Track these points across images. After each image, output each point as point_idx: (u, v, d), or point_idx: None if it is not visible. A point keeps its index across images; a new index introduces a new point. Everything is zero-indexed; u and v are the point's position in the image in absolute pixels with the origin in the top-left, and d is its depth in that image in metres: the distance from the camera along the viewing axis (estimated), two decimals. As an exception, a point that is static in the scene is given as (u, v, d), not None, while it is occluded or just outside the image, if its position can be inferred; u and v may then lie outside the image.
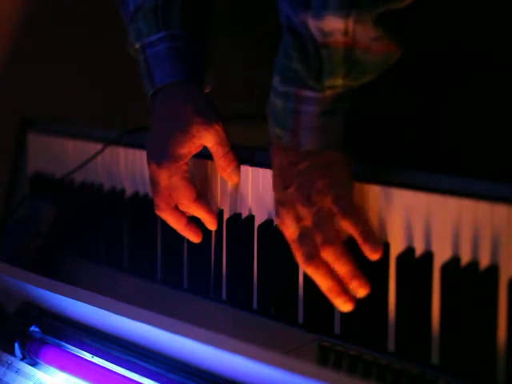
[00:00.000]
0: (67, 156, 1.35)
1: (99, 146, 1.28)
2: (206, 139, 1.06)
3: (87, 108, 1.60)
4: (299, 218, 0.94)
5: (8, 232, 1.38)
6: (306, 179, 0.94)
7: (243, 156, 1.08)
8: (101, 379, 0.98)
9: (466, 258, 0.89)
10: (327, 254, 0.91)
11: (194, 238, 1.11)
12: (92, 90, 1.62)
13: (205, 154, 1.09)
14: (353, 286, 0.91)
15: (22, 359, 1.06)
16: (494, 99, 1.08)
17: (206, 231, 1.11)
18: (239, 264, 1.09)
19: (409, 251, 0.93)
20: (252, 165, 1.07)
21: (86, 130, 1.35)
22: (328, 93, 0.91)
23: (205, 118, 1.06)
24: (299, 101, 0.92)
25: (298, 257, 0.94)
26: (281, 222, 0.96)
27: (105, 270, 1.29)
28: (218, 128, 1.06)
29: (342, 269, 0.91)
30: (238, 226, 1.09)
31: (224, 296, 1.12)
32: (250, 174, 1.07)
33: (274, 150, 0.97)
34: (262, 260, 1.06)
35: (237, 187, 1.09)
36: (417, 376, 0.92)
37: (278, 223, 0.97)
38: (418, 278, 0.92)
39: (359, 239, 0.91)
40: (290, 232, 0.95)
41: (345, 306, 0.93)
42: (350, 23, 0.86)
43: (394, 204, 0.94)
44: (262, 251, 1.06)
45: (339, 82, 0.91)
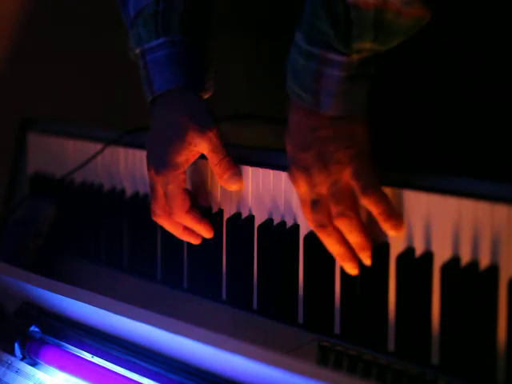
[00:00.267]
0: (67, 156, 1.35)
1: (99, 146, 1.28)
2: (201, 146, 1.06)
3: (87, 108, 1.60)
4: (314, 184, 0.93)
5: (8, 232, 1.38)
6: (326, 148, 0.92)
7: (243, 156, 1.08)
8: (101, 379, 0.98)
9: (466, 257, 0.89)
10: (341, 225, 0.92)
11: (194, 240, 1.11)
12: (92, 90, 1.62)
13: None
14: (362, 256, 0.94)
15: (22, 359, 1.06)
16: (494, 99, 1.08)
17: (206, 231, 1.11)
18: (239, 264, 1.09)
19: (409, 251, 0.93)
20: (252, 165, 1.07)
21: (86, 130, 1.34)
22: (354, 57, 0.89)
23: (199, 126, 1.05)
24: (323, 63, 0.90)
25: (309, 220, 0.95)
26: (294, 181, 0.96)
27: (105, 269, 1.29)
28: (212, 135, 1.05)
29: (355, 240, 0.93)
30: (237, 225, 1.09)
31: (224, 296, 1.12)
32: (250, 174, 1.07)
33: (292, 108, 0.95)
34: (262, 260, 1.06)
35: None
36: (417, 376, 0.92)
37: (291, 180, 0.96)
38: (417, 278, 0.92)
39: (380, 217, 0.91)
40: (302, 192, 0.95)
41: (353, 270, 0.95)
42: None
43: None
44: (261, 251, 1.06)
45: (367, 46, 0.89)
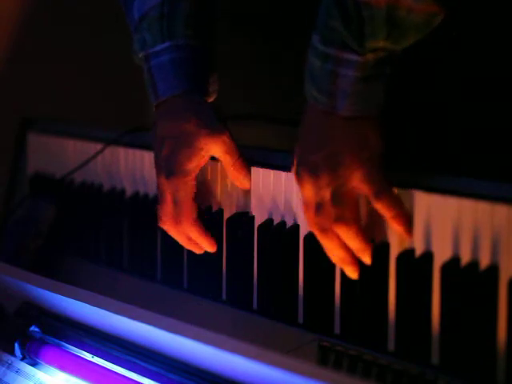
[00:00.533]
0: (67, 156, 1.35)
1: (99, 146, 1.28)
2: (214, 150, 1.06)
3: (87, 108, 1.60)
4: (320, 187, 0.93)
5: (8, 232, 1.38)
6: (338, 149, 0.92)
7: (243, 156, 1.08)
8: (101, 379, 0.98)
9: (466, 258, 0.89)
10: (339, 230, 0.92)
11: (198, 250, 1.10)
12: (92, 90, 1.62)
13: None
14: (362, 258, 0.94)
15: (22, 359, 1.06)
16: (495, 99, 1.08)
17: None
18: (239, 264, 1.09)
19: (409, 251, 0.93)
20: (252, 165, 1.07)
21: (86, 130, 1.34)
22: (369, 57, 0.89)
23: (210, 130, 1.05)
24: (339, 63, 0.90)
25: (311, 223, 0.95)
26: (300, 182, 0.95)
27: (105, 269, 1.29)
28: (225, 137, 1.05)
29: (354, 246, 0.93)
30: (238, 225, 1.09)
31: (224, 296, 1.12)
32: (250, 174, 1.07)
33: (308, 110, 0.95)
34: (262, 260, 1.06)
35: (237, 187, 1.09)
36: (417, 376, 0.92)
37: (297, 182, 0.96)
38: (418, 278, 0.92)
39: (393, 221, 0.91)
40: (306, 196, 0.95)
41: (353, 273, 0.95)
42: None
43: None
44: (261, 251, 1.06)
45: (381, 44, 0.89)
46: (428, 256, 0.91)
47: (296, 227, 1.02)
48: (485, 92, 1.08)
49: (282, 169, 1.03)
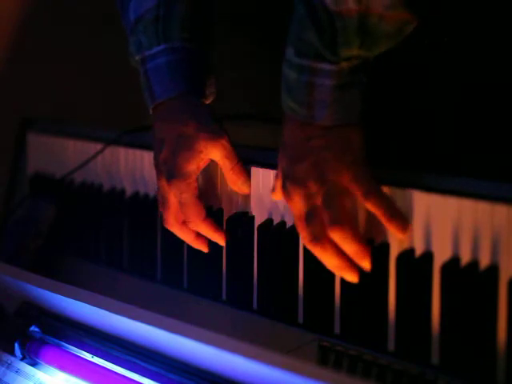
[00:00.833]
0: (67, 156, 1.35)
1: (99, 146, 1.28)
2: (213, 154, 1.05)
3: (87, 108, 1.60)
4: (309, 196, 0.92)
5: (8, 232, 1.38)
6: (322, 157, 0.91)
7: (243, 156, 1.08)
8: (101, 379, 0.98)
9: (466, 257, 0.89)
10: (334, 235, 0.90)
11: (204, 248, 1.10)
12: (92, 90, 1.62)
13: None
14: (361, 264, 0.91)
15: (22, 359, 1.06)
16: (494, 99, 1.08)
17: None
18: (239, 264, 1.09)
19: (409, 251, 0.93)
20: (252, 165, 1.07)
21: (86, 130, 1.35)
22: (343, 65, 0.90)
23: (209, 133, 1.05)
24: (314, 73, 0.90)
25: (303, 236, 0.93)
26: (288, 198, 0.94)
27: (105, 269, 1.29)
28: (224, 141, 1.05)
29: (349, 249, 0.90)
30: (237, 225, 1.09)
31: (224, 296, 1.12)
32: (250, 174, 1.07)
33: (287, 122, 0.95)
34: (262, 260, 1.06)
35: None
36: (417, 376, 0.92)
37: (285, 198, 0.95)
38: (417, 278, 0.92)
39: (384, 218, 0.90)
40: (297, 209, 0.94)
41: (352, 278, 0.93)
42: None
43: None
44: (261, 251, 1.06)
45: (354, 53, 0.89)
46: (428, 256, 0.91)
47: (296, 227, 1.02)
48: (485, 92, 1.08)
49: (282, 169, 1.03)
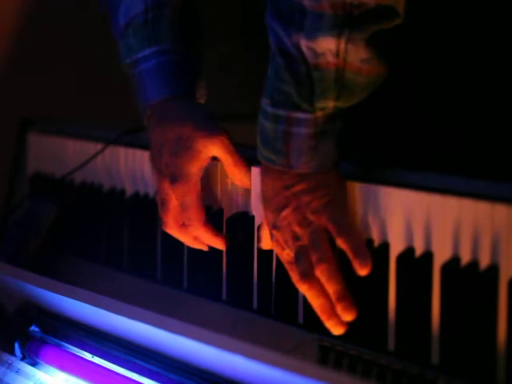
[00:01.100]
0: (67, 156, 1.35)
1: (99, 146, 1.28)
2: (214, 151, 1.05)
3: (87, 108, 1.60)
4: (296, 239, 0.94)
5: (8, 232, 1.38)
6: (302, 201, 0.93)
7: (243, 156, 1.08)
8: (101, 379, 0.98)
9: (466, 258, 0.89)
10: (321, 273, 0.91)
11: (204, 247, 1.10)
12: (92, 90, 1.62)
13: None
14: (340, 310, 0.91)
15: (22, 359, 1.06)
16: (494, 99, 1.08)
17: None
18: (239, 264, 1.09)
19: (409, 251, 0.93)
20: (252, 164, 1.07)
21: (86, 130, 1.35)
22: (319, 114, 0.90)
23: (207, 132, 1.05)
24: (290, 123, 0.91)
25: (294, 277, 0.94)
26: (277, 246, 0.97)
27: (105, 269, 1.29)
28: (223, 137, 1.05)
29: (332, 288, 0.91)
30: (237, 225, 1.09)
31: (224, 296, 1.12)
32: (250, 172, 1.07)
33: (264, 174, 0.97)
34: (262, 260, 1.06)
35: (237, 187, 1.09)
36: (417, 376, 0.92)
37: (276, 250, 0.98)
38: (418, 278, 0.92)
39: (350, 255, 0.90)
40: (286, 254, 0.96)
41: (336, 328, 0.92)
42: (342, 43, 0.86)
43: (393, 204, 0.94)
44: (261, 251, 1.06)
45: (330, 104, 0.90)
46: (428, 256, 0.91)
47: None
48: (485, 92, 1.08)
49: (282, 169, 1.03)
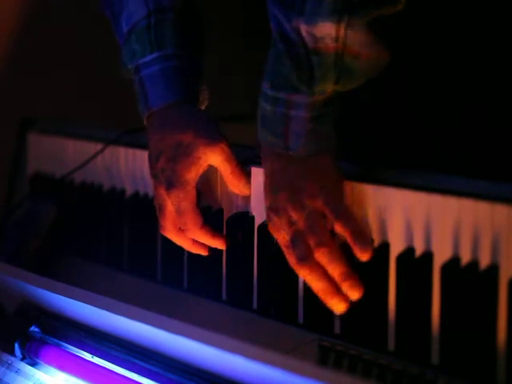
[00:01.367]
0: (67, 156, 1.35)
1: (99, 146, 1.28)
2: (213, 159, 1.05)
3: (87, 108, 1.60)
4: (292, 223, 0.94)
5: (8, 232, 1.38)
6: (298, 184, 0.94)
7: (243, 156, 1.08)
8: (101, 379, 0.98)
9: (466, 258, 0.89)
10: (321, 256, 0.90)
11: (203, 252, 1.10)
12: (92, 90, 1.62)
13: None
14: (346, 288, 0.90)
15: (22, 359, 1.06)
16: (494, 99, 1.08)
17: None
18: (239, 264, 1.09)
19: (409, 251, 0.93)
20: (252, 165, 1.07)
21: (86, 130, 1.35)
22: (318, 97, 0.91)
23: (208, 139, 1.04)
24: (289, 106, 0.92)
25: (291, 260, 0.94)
26: (273, 228, 0.97)
27: (105, 269, 1.29)
28: (223, 145, 1.05)
29: (336, 270, 0.90)
30: (237, 225, 1.09)
31: (224, 296, 1.12)
32: (249, 174, 1.07)
33: (264, 157, 0.98)
34: (262, 260, 1.06)
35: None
36: (417, 376, 0.92)
37: (271, 229, 0.98)
38: (418, 278, 0.92)
39: (349, 240, 0.90)
40: (282, 237, 0.96)
41: (339, 306, 0.91)
42: (342, 29, 0.87)
43: (393, 204, 0.94)
44: (262, 251, 1.06)
45: (329, 88, 0.91)
46: (428, 256, 0.91)
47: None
48: (485, 92, 1.08)
49: (282, 169, 1.03)
